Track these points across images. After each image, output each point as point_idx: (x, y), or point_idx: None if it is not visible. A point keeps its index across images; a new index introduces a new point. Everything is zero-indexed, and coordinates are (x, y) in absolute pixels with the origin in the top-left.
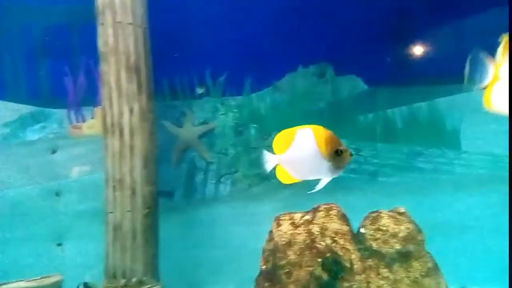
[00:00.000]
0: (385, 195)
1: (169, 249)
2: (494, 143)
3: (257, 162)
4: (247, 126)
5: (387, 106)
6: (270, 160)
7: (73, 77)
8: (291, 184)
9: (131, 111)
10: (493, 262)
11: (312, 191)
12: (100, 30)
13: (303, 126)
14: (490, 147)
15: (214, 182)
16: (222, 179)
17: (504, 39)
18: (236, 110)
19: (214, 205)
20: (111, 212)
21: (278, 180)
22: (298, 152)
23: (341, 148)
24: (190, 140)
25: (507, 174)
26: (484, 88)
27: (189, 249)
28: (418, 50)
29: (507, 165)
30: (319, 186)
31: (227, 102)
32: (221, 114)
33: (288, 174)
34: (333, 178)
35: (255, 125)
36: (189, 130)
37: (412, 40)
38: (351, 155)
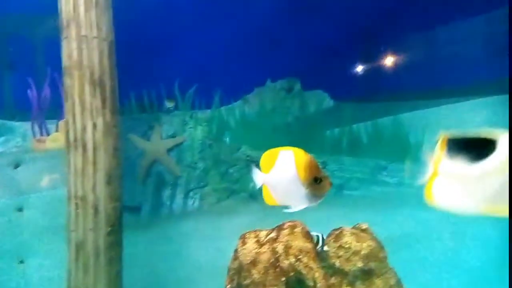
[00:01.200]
0: (351, 208)
1: (135, 266)
2: None
3: (226, 176)
4: (216, 139)
5: (353, 121)
6: (258, 178)
7: (37, 89)
8: (259, 198)
9: (94, 126)
10: (457, 274)
11: (286, 210)
12: (64, 44)
13: (286, 147)
14: None
15: (182, 196)
16: (191, 194)
17: (441, 138)
18: (205, 124)
19: (182, 220)
20: (73, 230)
21: (247, 194)
22: (279, 174)
23: (320, 176)
24: (157, 154)
25: None
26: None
27: (156, 265)
28: (382, 66)
29: None
30: (293, 210)
31: (196, 115)
32: (190, 128)
33: (271, 196)
34: None
35: (225, 139)
36: (157, 144)
37: (377, 57)
38: (331, 184)
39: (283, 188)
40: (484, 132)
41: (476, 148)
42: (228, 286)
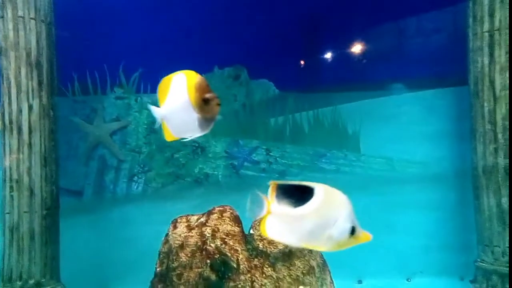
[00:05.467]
0: None
1: (76, 249)
2: (390, 147)
3: (171, 161)
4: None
5: (296, 110)
6: (156, 114)
7: None
8: (204, 183)
9: (30, 108)
10: (388, 257)
11: (184, 140)
12: (0, 24)
13: (180, 71)
14: (386, 151)
15: (126, 180)
16: (135, 178)
17: (272, 184)
18: None
19: (125, 204)
20: (8, 213)
21: (193, 179)
22: (173, 102)
23: (208, 96)
24: (101, 137)
25: (402, 176)
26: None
27: (97, 249)
28: (325, 59)
29: (402, 168)
30: (189, 139)
31: (141, 99)
32: (135, 112)
33: (169, 130)
34: (244, 177)
35: None
36: (100, 127)
37: (321, 50)
38: (219, 104)
39: (177, 117)
40: (305, 182)
41: (298, 194)
42: (158, 269)
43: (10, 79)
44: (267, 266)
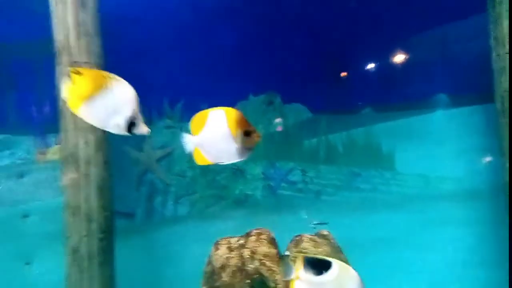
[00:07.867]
0: (328, 212)
1: (130, 267)
2: (426, 165)
3: (213, 183)
4: None
5: (329, 132)
6: (188, 142)
7: (39, 106)
8: (244, 204)
9: (86, 142)
10: (429, 274)
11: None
12: (57, 69)
13: (216, 108)
14: (422, 169)
15: (172, 203)
16: (181, 200)
17: (300, 256)
18: None
19: (173, 225)
20: (69, 236)
21: (233, 200)
22: (210, 134)
23: (249, 129)
24: (149, 163)
25: (437, 193)
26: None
27: (149, 268)
28: (355, 81)
29: (438, 184)
30: (225, 163)
31: (186, 127)
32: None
33: (203, 157)
34: (281, 198)
35: None
36: (149, 154)
37: (351, 72)
38: (259, 136)
39: (215, 146)
40: (325, 258)
41: (319, 266)
42: None
43: (67, 117)
44: None
